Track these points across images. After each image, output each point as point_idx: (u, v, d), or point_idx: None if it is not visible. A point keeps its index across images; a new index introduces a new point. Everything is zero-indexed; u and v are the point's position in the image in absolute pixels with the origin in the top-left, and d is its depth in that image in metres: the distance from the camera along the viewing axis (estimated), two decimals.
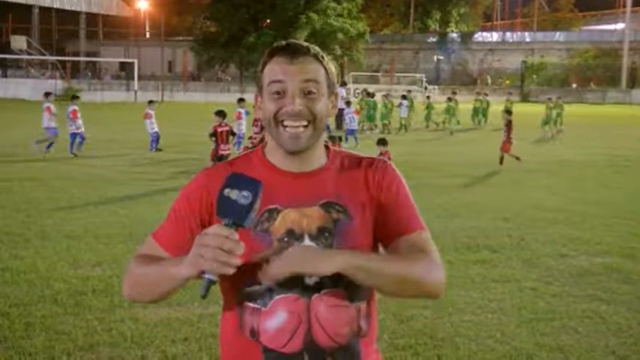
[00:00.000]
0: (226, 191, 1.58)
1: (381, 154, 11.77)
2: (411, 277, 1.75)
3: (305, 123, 1.78)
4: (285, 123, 1.78)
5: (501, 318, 5.70)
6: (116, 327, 5.28)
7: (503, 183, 14.04)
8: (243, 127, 18.00)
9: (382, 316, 5.18)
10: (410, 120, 28.52)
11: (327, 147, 1.94)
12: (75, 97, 19.33)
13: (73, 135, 17.66)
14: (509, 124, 16.53)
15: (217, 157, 13.66)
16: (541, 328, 5.49)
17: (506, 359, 4.88)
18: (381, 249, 1.90)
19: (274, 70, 1.79)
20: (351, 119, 22.50)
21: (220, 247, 1.53)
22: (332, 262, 1.65)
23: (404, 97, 29.70)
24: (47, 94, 19.21)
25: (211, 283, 1.56)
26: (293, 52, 1.80)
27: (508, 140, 16.40)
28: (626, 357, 4.95)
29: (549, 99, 27.71)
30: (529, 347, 5.07)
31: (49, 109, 17.90)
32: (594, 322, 5.64)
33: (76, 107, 18.01)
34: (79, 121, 17.70)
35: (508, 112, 17.34)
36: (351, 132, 22.27)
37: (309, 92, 1.78)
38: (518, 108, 32.90)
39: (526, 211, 10.65)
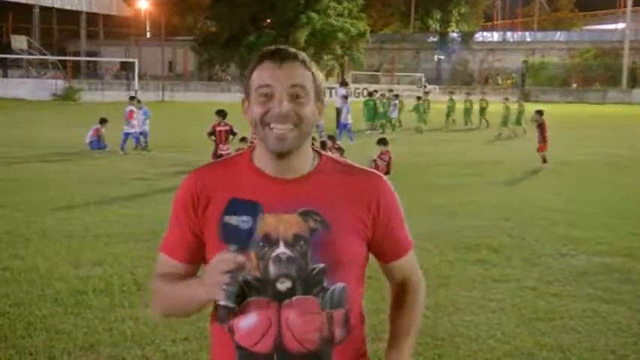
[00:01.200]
0: (226, 218, 1.64)
1: (381, 153, 11.79)
2: (419, 318, 2.06)
3: (291, 126, 1.79)
4: (272, 125, 1.79)
5: (501, 317, 5.71)
6: (117, 326, 5.29)
7: (503, 182, 14.04)
8: None
9: (383, 317, 5.17)
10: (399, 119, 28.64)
11: (319, 153, 1.95)
12: (132, 98, 20.26)
13: (127, 134, 18.56)
14: (541, 126, 16.45)
15: (218, 158, 13.66)
16: (541, 327, 5.49)
17: (507, 359, 4.88)
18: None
19: (262, 74, 1.81)
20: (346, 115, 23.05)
21: (225, 272, 1.62)
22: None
23: (396, 96, 29.73)
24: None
25: (229, 309, 1.69)
26: (282, 57, 1.81)
27: (543, 141, 16.39)
28: (626, 356, 4.95)
29: (506, 99, 27.45)
30: (529, 346, 5.08)
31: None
32: (594, 321, 5.65)
33: (133, 108, 18.89)
34: (134, 122, 18.57)
35: (539, 112, 17.12)
36: (344, 126, 22.55)
37: (297, 96, 1.80)
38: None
39: (526, 210, 10.66)
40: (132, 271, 6.78)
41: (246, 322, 1.81)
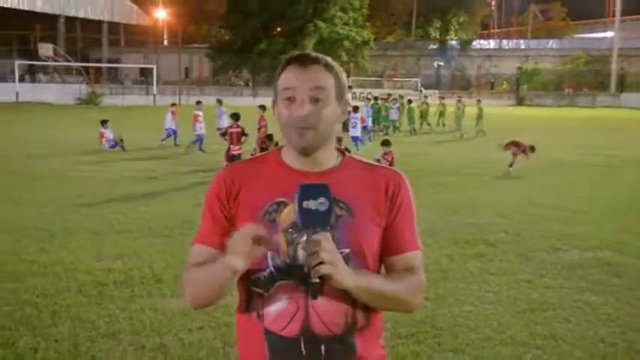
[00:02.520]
0: (305, 204, 1.63)
1: (385, 153, 11.78)
2: (401, 300, 1.86)
3: (310, 127, 1.81)
4: (295, 126, 1.82)
5: (498, 308, 5.70)
6: (136, 316, 5.31)
7: (500, 182, 14.01)
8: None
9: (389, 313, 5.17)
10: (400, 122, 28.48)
11: (342, 152, 1.97)
12: (198, 103, 20.92)
13: (199, 136, 19.04)
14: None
15: (230, 157, 13.66)
16: (535, 317, 5.48)
17: (503, 347, 4.87)
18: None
19: (288, 78, 1.85)
20: (355, 125, 19.99)
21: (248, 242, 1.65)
22: (351, 280, 1.71)
23: (395, 100, 29.67)
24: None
25: (317, 284, 1.64)
26: (306, 61, 1.85)
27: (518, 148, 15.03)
28: (615, 344, 4.94)
29: (459, 99, 27.00)
30: (524, 336, 5.07)
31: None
32: (585, 312, 5.63)
33: (197, 112, 19.44)
34: (198, 125, 19.09)
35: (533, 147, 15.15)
36: (354, 139, 19.79)
37: (317, 99, 1.82)
38: (514, 112, 32.43)
39: (522, 208, 10.63)
40: (150, 264, 6.80)
41: (275, 306, 1.81)
